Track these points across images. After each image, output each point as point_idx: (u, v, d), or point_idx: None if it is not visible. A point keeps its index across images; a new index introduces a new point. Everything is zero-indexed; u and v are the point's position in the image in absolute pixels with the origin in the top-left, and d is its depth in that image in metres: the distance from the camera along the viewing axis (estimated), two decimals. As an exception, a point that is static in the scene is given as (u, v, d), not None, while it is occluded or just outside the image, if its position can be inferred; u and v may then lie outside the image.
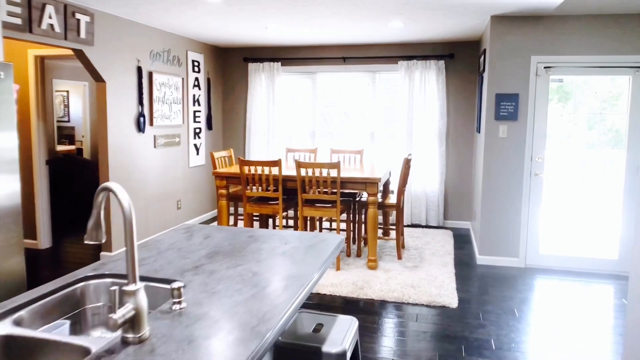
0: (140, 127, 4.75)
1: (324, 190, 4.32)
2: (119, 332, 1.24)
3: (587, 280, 4.28)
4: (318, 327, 1.92)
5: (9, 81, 2.47)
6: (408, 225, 6.19)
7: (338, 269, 4.35)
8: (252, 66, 6.44)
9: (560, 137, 4.48)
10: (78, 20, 3.87)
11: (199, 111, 5.96)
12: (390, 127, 6.25)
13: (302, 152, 5.81)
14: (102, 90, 4.28)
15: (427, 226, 6.18)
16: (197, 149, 5.92)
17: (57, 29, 3.66)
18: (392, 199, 4.96)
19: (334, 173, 4.29)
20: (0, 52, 2.68)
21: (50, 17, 3.58)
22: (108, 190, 1.23)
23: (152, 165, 5.04)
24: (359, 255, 4.79)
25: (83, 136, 7.48)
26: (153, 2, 3.91)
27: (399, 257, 4.69)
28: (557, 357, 2.92)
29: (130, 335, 1.20)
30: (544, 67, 4.37)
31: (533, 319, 3.45)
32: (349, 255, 4.78)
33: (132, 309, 1.18)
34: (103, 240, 1.36)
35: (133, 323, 1.19)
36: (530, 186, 4.53)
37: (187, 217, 5.82)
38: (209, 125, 6.20)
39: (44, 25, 3.53)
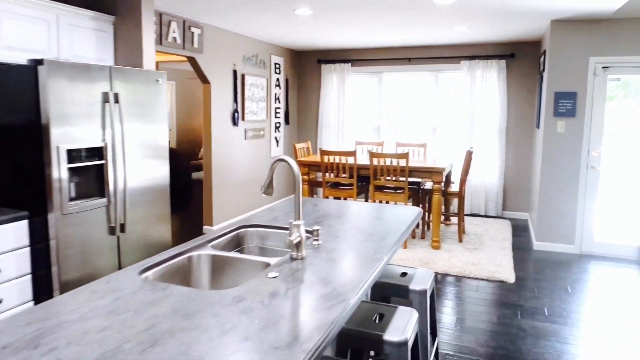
0: (234, 121, 5.55)
1: (393, 178, 4.90)
2: (276, 261, 1.91)
3: None
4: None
5: (163, 85, 3.26)
6: (468, 215, 6.63)
7: (405, 247, 4.93)
8: (324, 67, 7.11)
9: (617, 132, 4.80)
10: (192, 32, 4.68)
11: (279, 108, 6.71)
12: (451, 122, 6.71)
13: (370, 145, 6.41)
14: (208, 90, 5.10)
15: (486, 216, 6.60)
16: (277, 141, 6.69)
17: (178, 40, 4.48)
18: (454, 188, 5.45)
19: (402, 162, 4.87)
20: (153, 61, 3.49)
21: (174, 32, 4.39)
22: (281, 160, 1.90)
23: (243, 155, 5.84)
24: (422, 237, 5.34)
25: (170, 129, 8.48)
26: (250, 16, 4.64)
27: (460, 240, 5.19)
28: (604, 327, 3.36)
29: (295, 254, 1.86)
30: (602, 67, 4.71)
31: (584, 295, 3.88)
32: (414, 237, 5.34)
33: (298, 236, 1.85)
34: (272, 195, 2.04)
35: (297, 246, 1.86)
36: (586, 178, 4.88)
37: (269, 200, 6.59)
38: (287, 121, 6.95)
39: (169, 38, 4.36)
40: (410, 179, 5.20)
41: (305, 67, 7.35)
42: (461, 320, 3.39)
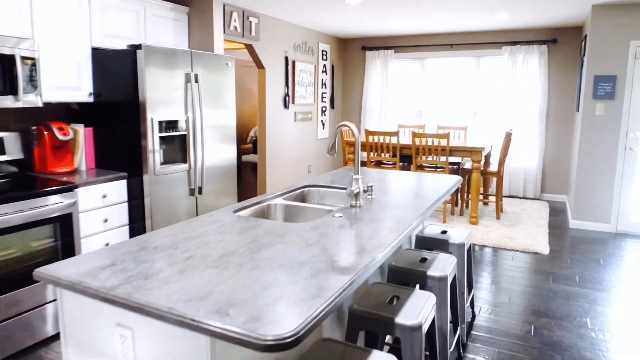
0: (285, 105, 5.99)
1: (434, 157, 5.22)
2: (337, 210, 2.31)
3: (675, 244, 4.74)
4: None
5: (232, 68, 3.71)
6: (506, 196, 6.85)
7: (444, 221, 5.25)
8: (369, 54, 7.44)
9: (656, 114, 4.92)
10: (250, 22, 5.13)
11: (325, 93, 7.11)
12: (491, 107, 6.91)
13: (412, 127, 6.71)
14: (263, 76, 5.56)
15: (524, 197, 6.79)
16: (323, 124, 7.10)
17: (238, 29, 4.94)
18: (493, 168, 5.71)
19: (444, 142, 5.17)
20: (221, 47, 3.95)
21: (234, 21, 4.86)
22: (343, 125, 2.29)
23: (292, 136, 6.29)
24: (461, 214, 5.64)
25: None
26: (303, 6, 5.03)
27: (498, 217, 5.46)
28: (633, 293, 3.61)
29: (353, 202, 2.26)
30: (643, 51, 4.83)
31: (616, 267, 4.10)
32: (452, 214, 5.64)
33: (357, 188, 2.25)
34: (335, 155, 2.44)
35: (356, 196, 2.26)
36: (624, 159, 5.04)
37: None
38: (332, 105, 7.35)
39: (231, 27, 4.82)
40: (451, 159, 5.49)
41: (350, 54, 7.70)
42: (496, 282, 3.72)
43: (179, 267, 1.44)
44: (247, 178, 7.63)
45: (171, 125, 3.19)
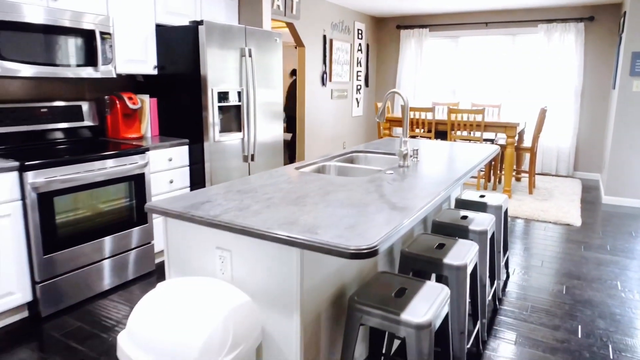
0: (323, 82, 6.21)
1: (469, 132, 5.37)
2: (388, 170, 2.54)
3: None
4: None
5: (280, 44, 3.94)
6: (539, 174, 6.94)
7: (477, 195, 5.41)
8: (403, 32, 7.55)
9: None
10: (292, 1, 5.34)
11: (360, 71, 7.29)
12: (526, 84, 6.96)
13: (446, 105, 6.84)
14: (302, 54, 5.78)
15: (557, 175, 6.87)
16: (358, 102, 7.30)
17: (281, 7, 5.16)
18: (527, 144, 5.81)
19: (478, 118, 5.31)
20: (269, 24, 4.18)
21: (278, 0, 5.07)
22: (394, 92, 2.51)
23: (328, 113, 6.52)
24: (494, 189, 5.79)
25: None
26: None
27: (530, 192, 5.59)
28: (662, 257, 3.73)
29: (402, 163, 2.49)
30: (683, 26, 4.83)
31: (648, 237, 4.22)
32: (485, 188, 5.80)
33: (406, 149, 2.47)
34: (384, 121, 2.67)
35: (405, 157, 2.48)
36: (660, 135, 5.08)
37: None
38: (367, 83, 7.52)
39: (274, 6, 5.05)
40: (484, 136, 5.63)
41: (384, 32, 7.83)
42: (528, 249, 3.90)
43: (264, 204, 1.71)
44: (286, 155, 7.91)
45: (227, 96, 3.46)
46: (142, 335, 1.43)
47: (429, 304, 1.60)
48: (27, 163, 2.47)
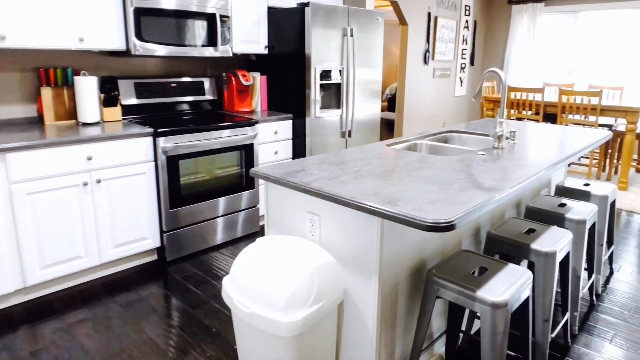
0: (425, 60, 6.13)
1: (583, 117, 4.98)
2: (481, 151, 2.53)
3: None
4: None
5: (382, 23, 4.00)
6: (665, 165, 6.21)
7: (587, 184, 5.04)
8: (515, 8, 7.10)
9: None
10: (398, -22, 5.31)
11: (465, 49, 7.04)
12: (660, 65, 6.19)
13: (558, 86, 6.35)
14: (405, 32, 5.75)
15: (689, 168, 6.09)
16: (461, 81, 7.08)
17: (386, -14, 5.17)
18: (652, 132, 5.24)
19: (594, 100, 4.90)
20: (372, 3, 4.25)
21: (383, -22, 5.09)
22: (491, 71, 2.48)
23: (429, 92, 6.43)
24: (608, 179, 5.34)
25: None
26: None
27: (651, 185, 5.07)
28: None
29: (496, 144, 2.47)
30: None
31: None
32: (598, 178, 5.37)
33: (501, 130, 2.45)
34: (480, 100, 2.65)
35: (499, 138, 2.46)
36: None
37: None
38: (472, 62, 7.24)
39: (380, -15, 5.07)
40: (602, 120, 5.17)
41: (494, 8, 7.42)
42: (640, 245, 3.60)
43: (352, 175, 1.86)
44: (382, 135, 7.97)
45: (329, 75, 3.63)
46: (242, 281, 1.68)
47: (507, 285, 1.64)
48: (159, 130, 2.90)
